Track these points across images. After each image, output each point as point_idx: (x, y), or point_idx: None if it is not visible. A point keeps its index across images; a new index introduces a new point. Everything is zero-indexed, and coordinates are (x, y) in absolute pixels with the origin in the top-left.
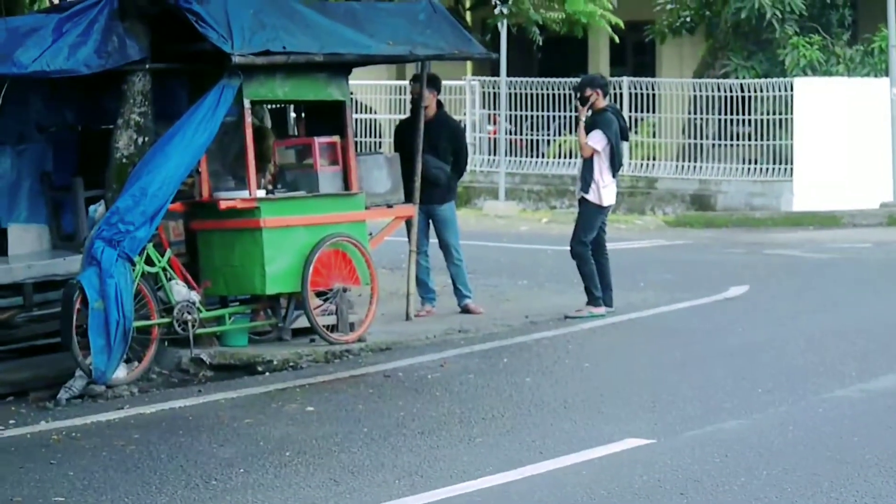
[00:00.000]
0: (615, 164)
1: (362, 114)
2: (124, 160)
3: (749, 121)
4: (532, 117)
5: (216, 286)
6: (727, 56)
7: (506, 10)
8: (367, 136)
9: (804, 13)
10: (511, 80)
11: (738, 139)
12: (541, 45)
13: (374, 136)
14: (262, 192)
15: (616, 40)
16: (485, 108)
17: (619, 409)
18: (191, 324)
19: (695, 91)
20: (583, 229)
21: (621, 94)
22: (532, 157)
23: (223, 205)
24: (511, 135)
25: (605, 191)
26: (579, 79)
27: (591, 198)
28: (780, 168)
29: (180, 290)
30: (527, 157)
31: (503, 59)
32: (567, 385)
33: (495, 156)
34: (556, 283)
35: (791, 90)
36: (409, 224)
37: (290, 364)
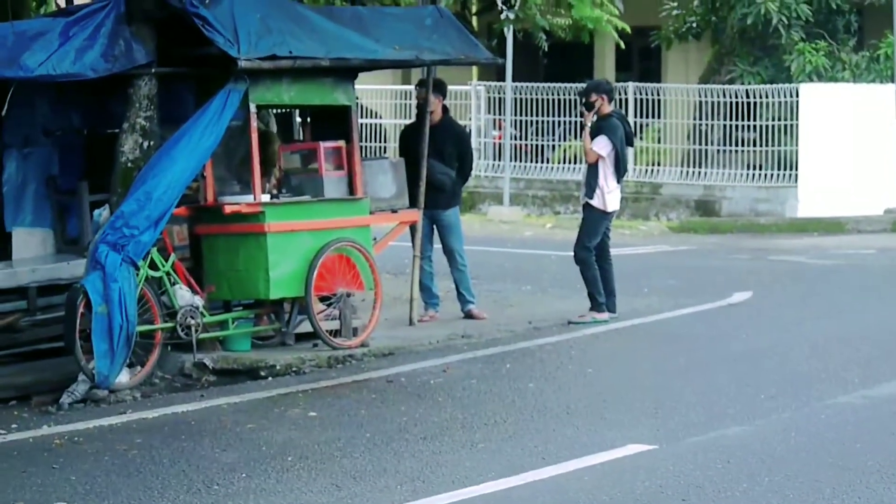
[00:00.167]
0: (620, 170)
1: (368, 118)
2: (129, 164)
3: (754, 126)
4: (537, 122)
5: (220, 290)
6: (733, 62)
7: (512, 16)
8: (372, 141)
9: (810, 19)
10: (516, 86)
11: (743, 145)
12: (546, 50)
13: (380, 141)
14: (266, 197)
15: (622, 46)
16: (490, 113)
17: (622, 415)
18: (194, 328)
19: (700, 97)
20: (587, 235)
21: (627, 100)
22: (537, 162)
23: (228, 209)
24: (516, 140)
25: (609, 196)
26: (585, 84)
27: (595, 203)
28: (784, 174)
29: (184, 295)
30: (531, 162)
31: (509, 65)
32: (570, 391)
33: (500, 161)
34: (560, 288)
35: (797, 96)
36: (413, 229)
37: (293, 369)
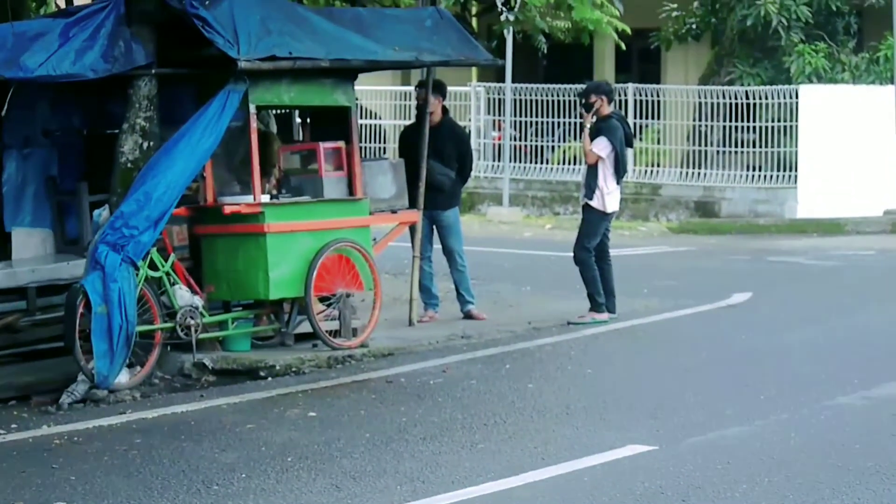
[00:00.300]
0: (619, 171)
1: (368, 119)
2: (129, 165)
3: (754, 128)
4: (537, 123)
5: (220, 291)
6: (733, 63)
7: (512, 17)
8: (372, 142)
9: (810, 21)
10: (516, 87)
11: (742, 146)
12: (546, 52)
13: (380, 142)
14: (266, 197)
15: (622, 47)
16: (490, 114)
17: (622, 416)
18: (194, 328)
19: (700, 98)
20: (586, 235)
21: (626, 101)
22: (536, 163)
23: (227, 209)
24: (515, 141)
25: (609, 197)
26: (584, 85)
27: (595, 204)
28: (784, 175)
29: (184, 295)
30: (531, 163)
31: (508, 66)
32: (569, 391)
33: (500, 162)
34: (560, 289)
35: (796, 97)
36: (412, 230)
37: (293, 369)
